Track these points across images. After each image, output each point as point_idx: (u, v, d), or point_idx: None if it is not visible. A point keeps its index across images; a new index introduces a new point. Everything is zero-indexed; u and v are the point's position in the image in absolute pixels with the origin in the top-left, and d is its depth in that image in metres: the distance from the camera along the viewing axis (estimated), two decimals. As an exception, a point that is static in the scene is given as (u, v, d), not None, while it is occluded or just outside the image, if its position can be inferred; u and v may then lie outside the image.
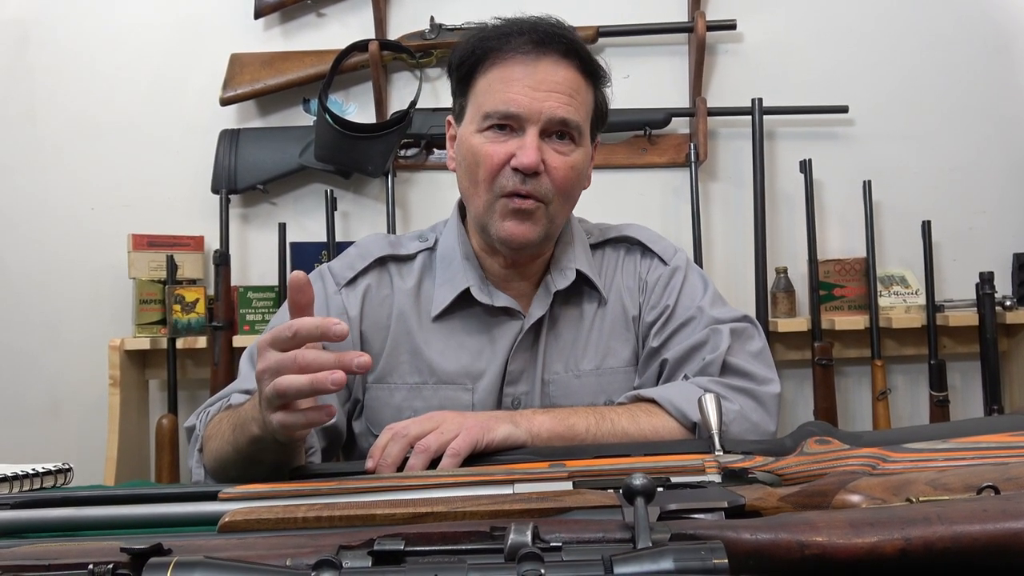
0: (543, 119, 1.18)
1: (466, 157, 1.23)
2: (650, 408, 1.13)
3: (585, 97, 1.23)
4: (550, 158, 1.19)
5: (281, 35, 2.43)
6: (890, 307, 2.29)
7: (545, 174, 1.18)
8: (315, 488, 0.82)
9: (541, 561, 0.48)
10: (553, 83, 1.18)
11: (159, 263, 2.25)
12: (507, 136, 1.19)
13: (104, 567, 0.51)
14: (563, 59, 1.20)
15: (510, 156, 1.17)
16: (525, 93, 1.18)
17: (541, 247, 1.26)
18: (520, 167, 1.16)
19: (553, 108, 1.18)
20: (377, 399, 1.28)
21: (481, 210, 1.22)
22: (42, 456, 1.23)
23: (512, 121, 1.18)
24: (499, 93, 1.19)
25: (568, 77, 1.20)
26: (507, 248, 1.23)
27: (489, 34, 1.23)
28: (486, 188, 1.20)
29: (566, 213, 1.27)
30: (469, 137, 1.22)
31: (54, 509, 0.82)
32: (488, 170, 1.19)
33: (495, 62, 1.21)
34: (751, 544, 0.54)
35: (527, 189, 1.18)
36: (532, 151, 1.16)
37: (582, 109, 1.22)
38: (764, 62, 2.43)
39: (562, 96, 1.19)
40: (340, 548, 0.53)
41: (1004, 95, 2.45)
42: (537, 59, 1.19)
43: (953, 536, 0.54)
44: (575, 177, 1.22)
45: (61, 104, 2.40)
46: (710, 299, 1.29)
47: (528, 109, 1.17)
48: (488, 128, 1.20)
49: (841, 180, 2.40)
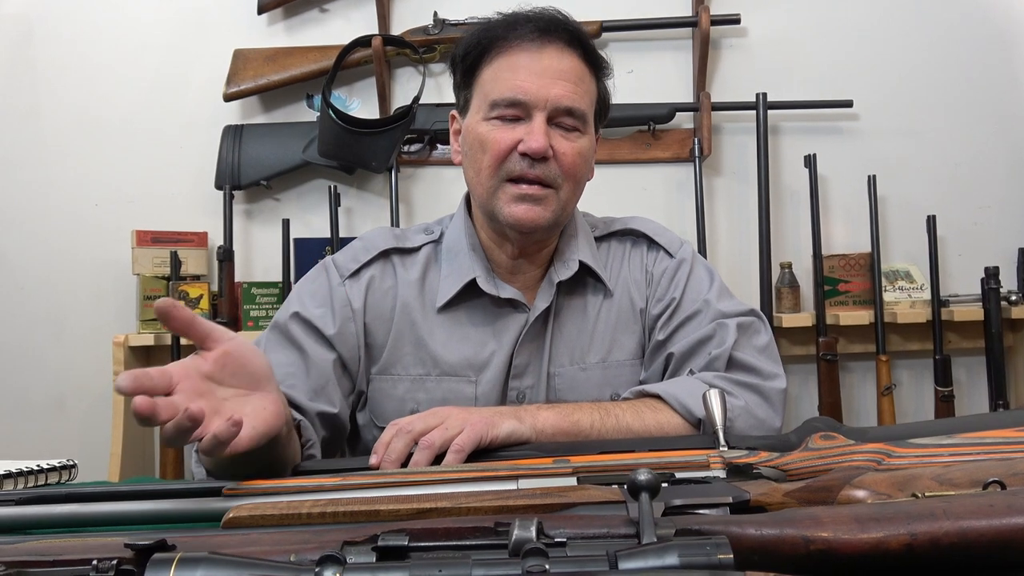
0: (549, 105, 1.18)
1: (472, 145, 1.23)
2: (655, 404, 1.12)
3: (589, 86, 1.24)
4: (558, 143, 1.19)
5: (284, 31, 2.43)
6: (895, 302, 2.28)
7: (553, 159, 1.19)
8: (319, 484, 0.82)
9: (545, 556, 0.47)
10: (558, 70, 1.19)
11: (163, 259, 2.26)
12: (512, 123, 1.20)
13: (108, 563, 0.51)
14: (567, 47, 1.21)
15: (518, 141, 1.18)
16: (531, 80, 1.18)
17: (550, 232, 1.26)
18: (529, 151, 1.17)
19: (559, 96, 1.18)
20: (380, 391, 1.28)
21: (486, 196, 1.22)
22: (46, 452, 1.23)
23: (519, 108, 1.19)
24: (506, 81, 1.19)
25: (573, 65, 1.21)
26: (516, 232, 1.22)
27: (494, 24, 1.24)
28: (491, 173, 1.20)
29: (575, 200, 1.27)
30: (475, 126, 1.22)
31: (58, 505, 0.81)
32: (495, 155, 1.19)
33: (500, 51, 1.21)
34: (756, 539, 0.54)
35: (536, 174, 1.18)
36: (540, 135, 1.17)
37: (586, 98, 1.22)
38: (768, 57, 2.43)
39: (567, 84, 1.19)
40: (344, 544, 0.53)
41: (1010, 89, 2.44)
42: (542, 47, 1.20)
43: (959, 531, 0.53)
44: (583, 164, 1.23)
45: (65, 100, 2.41)
46: (716, 292, 1.29)
47: (535, 95, 1.18)
48: (495, 116, 1.20)
49: (846, 175, 2.40)
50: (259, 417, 0.87)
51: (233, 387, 0.88)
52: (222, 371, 0.87)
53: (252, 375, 0.90)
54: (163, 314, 0.82)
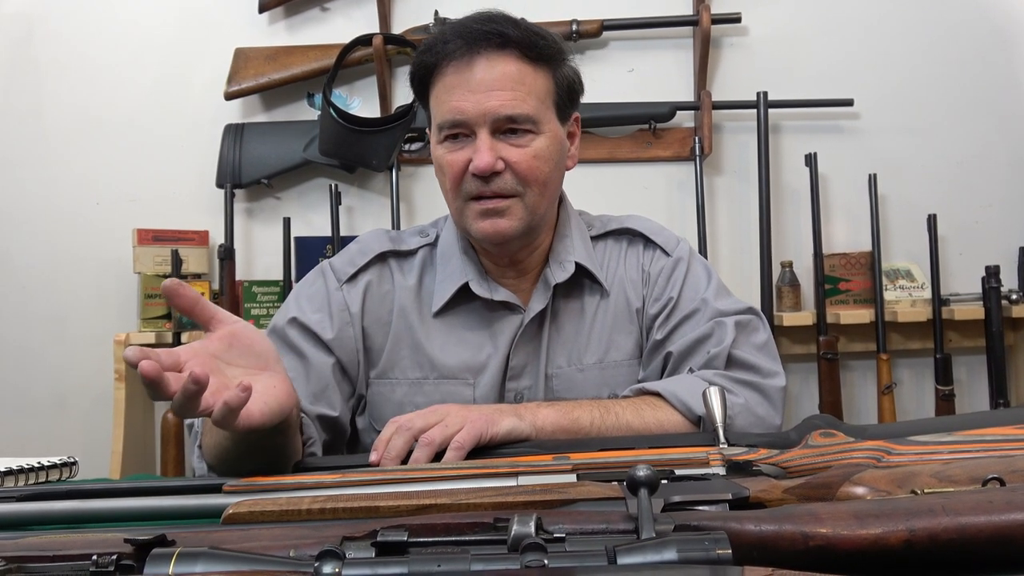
0: (488, 119, 1.17)
1: (436, 167, 1.24)
2: (655, 401, 1.12)
3: (533, 84, 1.19)
4: (508, 153, 1.18)
5: (285, 29, 2.43)
6: (896, 301, 2.28)
7: (507, 170, 1.18)
8: (319, 481, 0.82)
9: (544, 551, 0.48)
10: (491, 81, 1.17)
11: (164, 257, 2.26)
12: (462, 143, 1.19)
13: (108, 558, 0.51)
14: (498, 52, 1.18)
15: (468, 161, 1.17)
16: (465, 98, 1.17)
17: (528, 238, 1.25)
18: (476, 171, 1.16)
19: (496, 108, 1.16)
20: (379, 395, 1.28)
21: (457, 216, 1.24)
22: (48, 450, 1.23)
23: (461, 128, 1.18)
24: (444, 103, 1.19)
25: (506, 72, 1.18)
26: (490, 245, 1.23)
27: (429, 43, 1.22)
28: (454, 195, 1.21)
29: (548, 200, 1.24)
30: (435, 148, 1.23)
31: (59, 502, 0.82)
32: (452, 178, 1.20)
33: (438, 72, 1.21)
34: (755, 535, 0.54)
35: (491, 190, 1.18)
36: (484, 153, 1.16)
37: (530, 98, 1.19)
38: (769, 55, 2.43)
39: (503, 92, 1.17)
40: (344, 539, 0.53)
41: (1010, 88, 2.43)
42: (471, 60, 1.18)
43: (958, 527, 0.54)
44: (542, 164, 1.20)
45: (66, 99, 2.41)
46: (714, 290, 1.28)
47: (472, 113, 1.17)
48: (445, 138, 1.20)
49: (846, 174, 2.40)
50: (270, 393, 0.89)
51: (241, 367, 0.90)
52: (229, 351, 0.90)
53: (259, 355, 0.92)
54: (170, 293, 0.87)
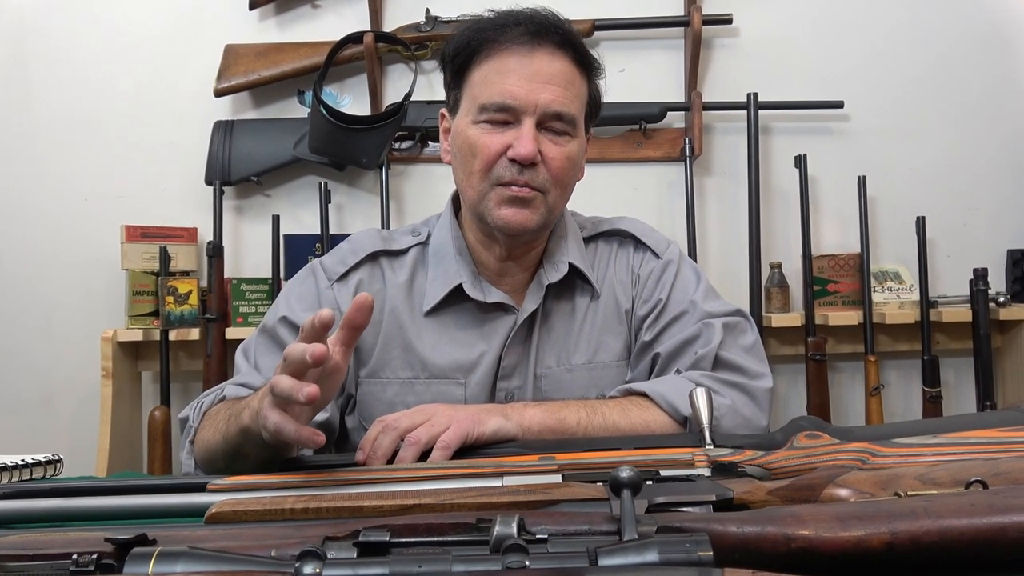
0: (539, 111, 1.18)
1: (461, 148, 1.23)
2: (641, 402, 1.12)
3: (579, 89, 1.23)
4: (546, 149, 1.19)
5: (276, 26, 2.42)
6: (884, 303, 2.29)
7: (542, 164, 1.18)
8: (304, 480, 0.82)
9: (526, 553, 0.48)
10: (548, 75, 1.18)
11: (152, 254, 2.25)
12: (503, 127, 1.19)
13: (88, 557, 0.51)
14: (558, 50, 1.20)
15: (506, 147, 1.18)
16: (520, 84, 1.17)
17: (538, 235, 1.26)
18: (517, 158, 1.16)
19: (548, 101, 1.18)
20: (369, 394, 1.28)
21: (476, 199, 1.22)
22: (34, 447, 1.22)
23: (508, 113, 1.18)
24: (495, 84, 1.19)
25: (563, 69, 1.20)
26: (505, 235, 1.22)
27: (484, 25, 1.22)
28: (481, 177, 1.20)
29: (563, 203, 1.27)
30: (465, 128, 1.22)
31: (42, 500, 0.82)
32: (484, 160, 1.19)
33: (490, 53, 1.20)
34: (737, 537, 0.54)
35: (524, 179, 1.18)
36: (529, 142, 1.16)
37: (576, 101, 1.22)
38: (760, 57, 2.43)
39: (557, 88, 1.19)
40: (325, 539, 0.53)
41: (999, 91, 2.45)
42: (532, 50, 1.19)
43: (940, 530, 0.54)
44: (571, 168, 1.23)
45: (55, 94, 2.39)
46: (703, 293, 1.29)
47: (524, 101, 1.17)
48: (484, 120, 1.20)
49: (836, 176, 2.40)
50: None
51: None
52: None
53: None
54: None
